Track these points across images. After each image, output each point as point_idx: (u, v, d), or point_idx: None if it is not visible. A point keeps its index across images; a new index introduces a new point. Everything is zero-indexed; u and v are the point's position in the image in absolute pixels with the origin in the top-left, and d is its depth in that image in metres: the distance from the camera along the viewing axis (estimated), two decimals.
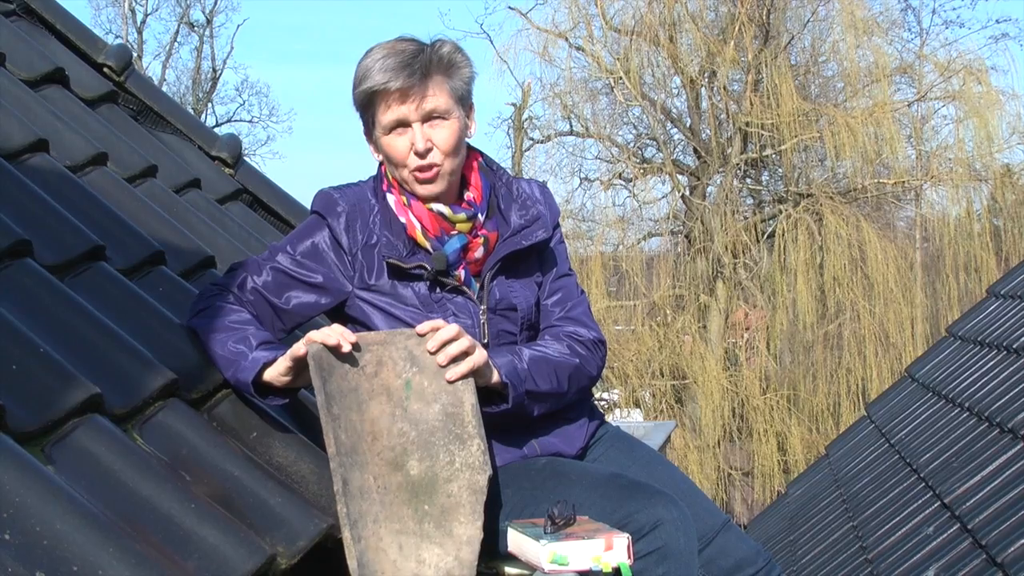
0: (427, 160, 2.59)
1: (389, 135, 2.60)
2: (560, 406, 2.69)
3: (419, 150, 2.57)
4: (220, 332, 2.51)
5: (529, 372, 2.57)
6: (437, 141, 2.59)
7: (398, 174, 2.64)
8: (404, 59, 2.56)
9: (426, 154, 2.58)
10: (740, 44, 19.78)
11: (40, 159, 2.99)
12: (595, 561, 2.26)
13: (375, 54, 2.59)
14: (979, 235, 18.95)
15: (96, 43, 4.00)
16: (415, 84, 2.56)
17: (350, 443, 2.28)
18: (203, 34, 31.57)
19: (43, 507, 1.85)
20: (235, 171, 4.15)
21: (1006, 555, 4.06)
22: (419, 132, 2.58)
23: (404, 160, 2.60)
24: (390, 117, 2.58)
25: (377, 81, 2.55)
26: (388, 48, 2.59)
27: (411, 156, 2.59)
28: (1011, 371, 5.88)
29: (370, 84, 2.57)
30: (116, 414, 2.24)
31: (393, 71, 2.54)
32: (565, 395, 2.66)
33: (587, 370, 2.71)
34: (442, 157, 2.60)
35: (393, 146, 2.60)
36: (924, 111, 20.50)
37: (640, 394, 19.86)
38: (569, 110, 21.63)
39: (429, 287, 2.61)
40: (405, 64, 2.55)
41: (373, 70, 2.56)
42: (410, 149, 2.59)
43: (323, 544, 2.24)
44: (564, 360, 2.65)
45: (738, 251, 19.94)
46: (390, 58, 2.56)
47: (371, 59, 2.58)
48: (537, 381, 2.58)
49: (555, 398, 2.64)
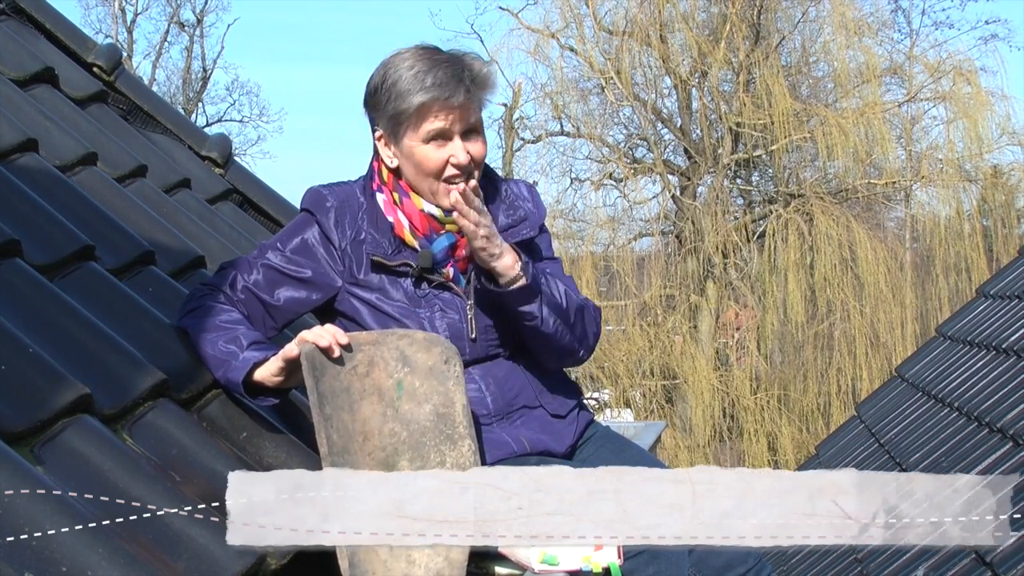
0: (467, 173, 2.63)
1: (427, 145, 2.62)
2: (561, 344, 2.70)
3: (463, 163, 2.61)
4: (210, 332, 2.51)
5: (545, 277, 2.66)
6: (475, 155, 2.65)
7: (423, 183, 2.65)
8: (455, 72, 2.58)
9: (468, 167, 2.62)
10: (731, 44, 19.79)
11: (30, 159, 2.98)
12: (585, 561, 2.27)
13: (414, 65, 2.59)
14: (969, 235, 18.95)
15: (86, 43, 3.99)
16: (471, 100, 2.60)
17: (342, 443, 2.29)
18: (193, 34, 31.49)
19: (32, 507, 1.85)
20: (225, 171, 4.15)
21: (995, 555, 4.07)
22: (461, 147, 2.62)
23: (439, 171, 2.62)
24: (435, 128, 2.60)
25: (436, 95, 2.56)
26: (427, 59, 2.60)
27: (449, 168, 2.62)
28: (1000, 371, 5.90)
29: (428, 97, 2.56)
30: (106, 414, 2.24)
31: (450, 86, 2.57)
32: (568, 326, 2.69)
33: (591, 317, 2.77)
34: (475, 169, 2.66)
35: (430, 157, 2.62)
36: (914, 112, 20.56)
37: (630, 394, 19.86)
38: (560, 110, 21.64)
39: (416, 283, 2.64)
40: (459, 78, 2.58)
41: (426, 83, 2.56)
42: (446, 161, 2.61)
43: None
44: (573, 295, 2.73)
45: (728, 251, 19.95)
46: (439, 70, 2.57)
47: (415, 71, 2.58)
48: (552, 289, 2.66)
49: (560, 321, 2.67)
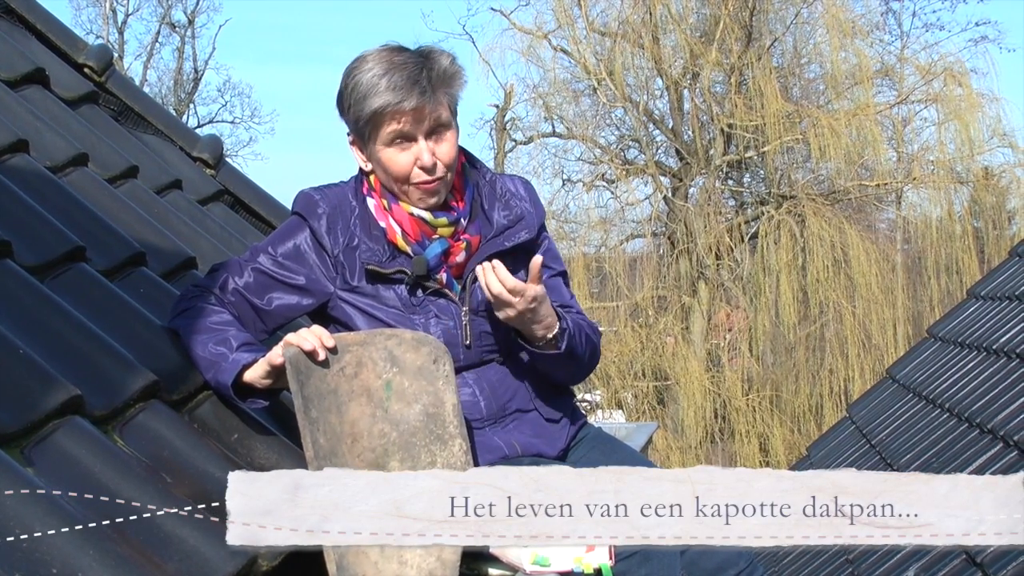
0: (435, 175, 2.59)
1: (390, 148, 2.58)
2: (569, 377, 2.75)
3: (427, 166, 2.57)
4: (201, 333, 2.50)
5: (575, 335, 2.64)
6: (441, 155, 2.59)
7: (396, 186, 2.62)
8: (411, 75, 2.52)
9: (433, 169, 2.58)
10: (723, 46, 19.80)
11: (20, 160, 2.98)
12: (577, 562, 2.27)
13: (373, 68, 2.53)
14: (960, 237, 18.97)
15: (77, 43, 3.98)
16: (427, 102, 2.53)
17: (329, 445, 2.28)
18: (185, 34, 31.38)
19: (22, 509, 1.84)
20: (216, 172, 4.15)
21: (985, 555, 4.07)
22: (425, 148, 2.56)
23: (407, 174, 2.59)
24: (396, 133, 2.56)
25: (389, 100, 2.51)
26: (387, 61, 2.54)
27: (415, 170, 2.58)
28: (990, 372, 5.90)
29: (380, 103, 2.51)
30: (97, 416, 2.24)
31: (404, 89, 2.51)
32: (582, 366, 2.73)
33: (597, 354, 2.79)
34: (444, 170, 2.60)
35: (395, 161, 2.58)
36: (905, 113, 20.60)
37: (622, 395, 19.86)
38: (552, 111, 21.65)
39: (410, 290, 2.61)
40: (414, 81, 2.51)
41: (380, 88, 2.51)
42: (413, 164, 2.57)
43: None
44: (591, 335, 2.73)
45: (720, 252, 19.96)
46: (395, 74, 2.51)
47: (372, 74, 2.53)
48: (578, 341, 2.66)
49: (576, 366, 2.70)
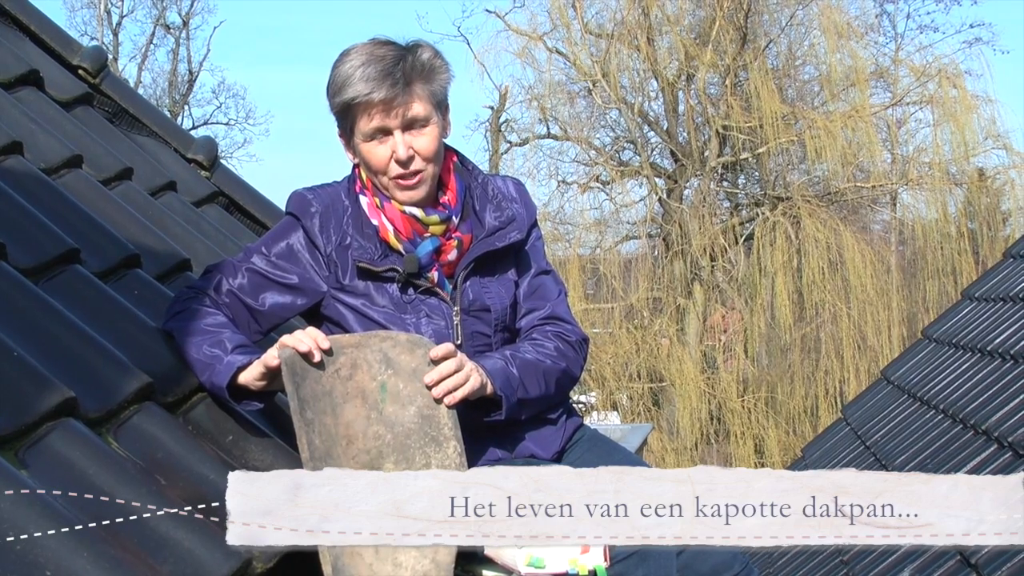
0: (410, 168, 2.59)
1: (369, 142, 2.59)
2: (544, 408, 2.70)
3: (402, 159, 2.57)
4: (195, 335, 2.50)
5: (521, 380, 2.57)
6: (418, 148, 2.59)
7: (378, 180, 2.64)
8: (385, 67, 2.53)
9: (409, 162, 2.58)
10: (718, 47, 19.82)
11: (14, 161, 2.97)
12: (572, 564, 2.27)
13: (352, 60, 2.55)
14: (955, 238, 19.01)
15: (71, 45, 3.98)
16: (398, 94, 2.53)
17: (324, 447, 2.28)
18: (179, 36, 31.34)
19: (16, 511, 1.84)
20: (211, 174, 4.14)
21: (980, 556, 4.08)
22: (401, 141, 2.57)
23: (385, 168, 2.60)
24: (371, 126, 2.57)
25: (359, 91, 2.52)
26: (366, 54, 2.55)
27: (392, 164, 2.58)
28: (985, 373, 5.91)
29: (352, 94, 2.53)
30: (91, 418, 2.23)
31: (375, 80, 2.52)
32: (552, 398, 2.69)
33: (572, 372, 2.74)
34: (423, 163, 2.60)
35: (374, 154, 2.59)
36: (900, 115, 20.63)
37: (617, 397, 19.86)
38: (547, 113, 21.66)
39: (402, 288, 2.62)
40: (387, 73, 2.52)
41: (354, 79, 2.53)
42: (391, 157, 2.58)
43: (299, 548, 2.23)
44: (553, 365, 2.67)
45: (715, 254, 19.98)
46: (370, 66, 2.52)
47: (349, 66, 2.55)
48: (528, 387, 2.58)
49: (543, 401, 2.66)
